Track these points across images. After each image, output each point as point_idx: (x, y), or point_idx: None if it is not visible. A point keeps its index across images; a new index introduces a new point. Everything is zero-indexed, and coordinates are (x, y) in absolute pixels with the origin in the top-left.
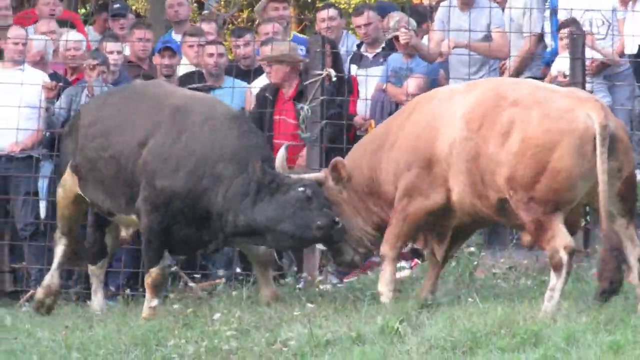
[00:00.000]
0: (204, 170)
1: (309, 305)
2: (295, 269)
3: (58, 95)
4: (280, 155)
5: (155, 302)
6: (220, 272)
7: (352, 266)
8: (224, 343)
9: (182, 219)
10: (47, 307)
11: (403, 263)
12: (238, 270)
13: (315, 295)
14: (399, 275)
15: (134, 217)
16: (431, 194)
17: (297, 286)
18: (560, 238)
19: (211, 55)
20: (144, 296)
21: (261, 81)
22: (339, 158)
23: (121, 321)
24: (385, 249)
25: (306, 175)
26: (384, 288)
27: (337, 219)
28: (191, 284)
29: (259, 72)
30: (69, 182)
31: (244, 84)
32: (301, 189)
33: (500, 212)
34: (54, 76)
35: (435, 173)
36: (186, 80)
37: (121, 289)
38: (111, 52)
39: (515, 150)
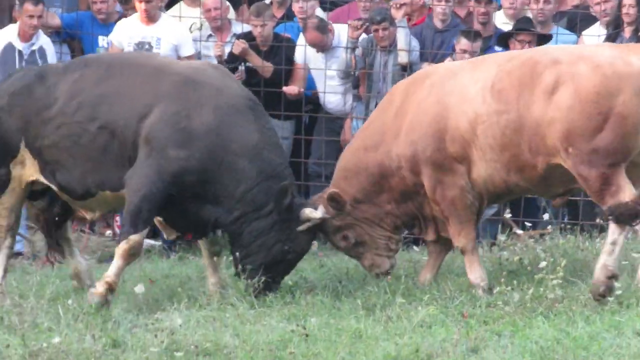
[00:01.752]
0: (223, 157)
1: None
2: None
3: None
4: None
5: (116, 276)
6: (545, 216)
7: (391, 270)
8: (549, 291)
9: (186, 196)
10: None
11: None
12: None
13: None
14: None
15: (123, 192)
16: (455, 178)
17: None
18: (626, 190)
19: None
20: None
21: None
22: (332, 190)
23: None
24: (462, 242)
25: (314, 223)
26: (478, 279)
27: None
28: (519, 231)
29: None
30: (21, 168)
31: None
32: (287, 248)
33: (542, 182)
34: None
35: (452, 152)
36: None
37: None
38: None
39: (568, 104)
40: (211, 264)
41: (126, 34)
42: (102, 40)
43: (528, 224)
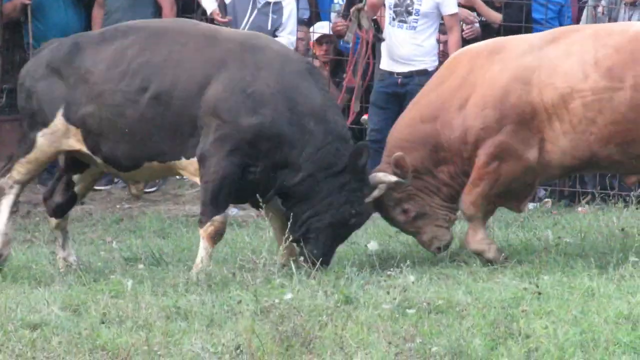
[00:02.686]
0: (291, 118)
1: None
2: None
3: None
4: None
5: (208, 259)
6: None
7: (451, 242)
8: None
9: (260, 164)
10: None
11: None
12: None
13: None
14: None
15: (178, 162)
16: (525, 153)
17: None
18: None
19: None
20: None
21: None
22: (398, 154)
23: None
24: (472, 210)
25: (381, 189)
26: (483, 245)
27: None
28: None
29: None
30: (59, 133)
31: None
32: (354, 212)
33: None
34: None
35: (531, 128)
36: None
37: None
38: None
39: None
40: (280, 234)
41: None
42: None
43: None
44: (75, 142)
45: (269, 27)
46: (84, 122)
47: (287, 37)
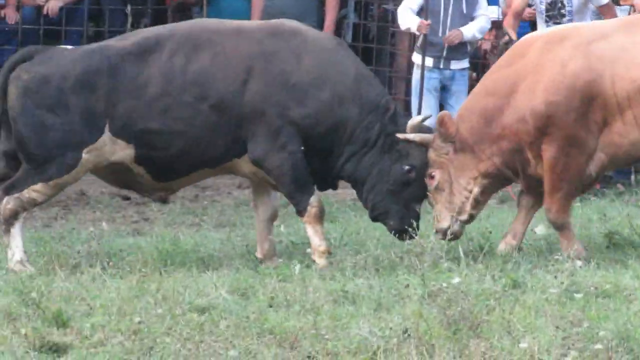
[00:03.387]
0: (332, 102)
1: None
2: None
3: None
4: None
5: (324, 238)
6: None
7: (450, 235)
8: None
9: (316, 149)
10: None
11: None
12: None
13: None
14: None
15: (230, 162)
16: (588, 141)
17: None
18: None
19: None
20: None
21: None
22: (445, 112)
23: None
24: (559, 216)
25: (416, 137)
26: (577, 253)
27: (412, 225)
28: None
29: None
30: (107, 150)
31: None
32: (407, 167)
33: None
34: None
35: (596, 118)
36: None
37: None
38: None
39: None
40: (264, 230)
41: None
42: None
43: None
44: (122, 156)
45: (465, 11)
46: (141, 138)
47: (485, 14)
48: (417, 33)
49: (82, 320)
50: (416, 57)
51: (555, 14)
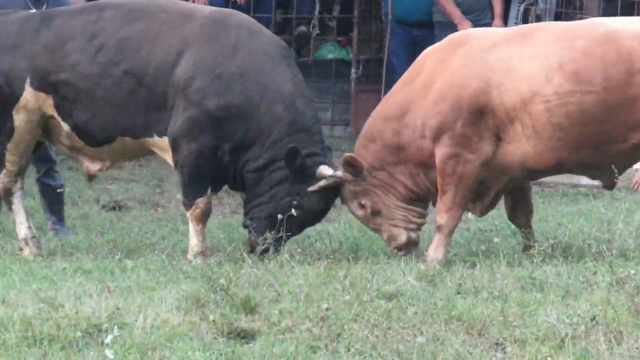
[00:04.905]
0: (260, 102)
1: None
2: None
3: None
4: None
5: (202, 240)
6: None
7: (411, 245)
8: None
9: (227, 146)
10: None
11: None
12: None
13: None
14: None
15: (153, 139)
16: (480, 147)
17: None
18: None
19: None
20: None
21: None
22: (348, 154)
23: None
24: (444, 219)
25: (328, 183)
26: (435, 261)
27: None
28: None
29: None
30: (32, 103)
31: None
32: (295, 203)
33: (617, 158)
34: None
35: (486, 125)
36: None
37: None
38: None
39: None
40: None
41: None
42: None
43: None
44: (47, 107)
45: None
46: (56, 89)
47: None
48: None
49: (270, 306)
50: None
51: None
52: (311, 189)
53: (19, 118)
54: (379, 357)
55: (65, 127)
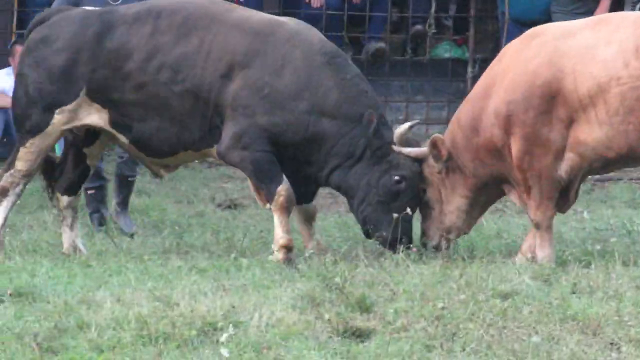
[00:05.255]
0: (307, 119)
1: None
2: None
3: None
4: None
5: (286, 231)
6: None
7: (435, 249)
8: None
9: (287, 151)
10: None
11: None
12: None
13: None
14: None
15: (210, 150)
16: (551, 138)
17: None
18: None
19: None
20: None
21: None
22: (437, 135)
23: None
24: (538, 217)
25: (411, 152)
26: (546, 259)
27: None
28: None
29: None
30: (83, 112)
31: None
32: (397, 178)
33: None
34: None
35: (557, 114)
36: None
37: None
38: None
39: None
40: (305, 229)
41: None
42: None
43: None
44: (97, 119)
45: None
46: (117, 105)
47: None
48: None
49: (385, 305)
50: None
51: None
52: (397, 149)
53: (59, 118)
54: (494, 357)
55: (123, 139)
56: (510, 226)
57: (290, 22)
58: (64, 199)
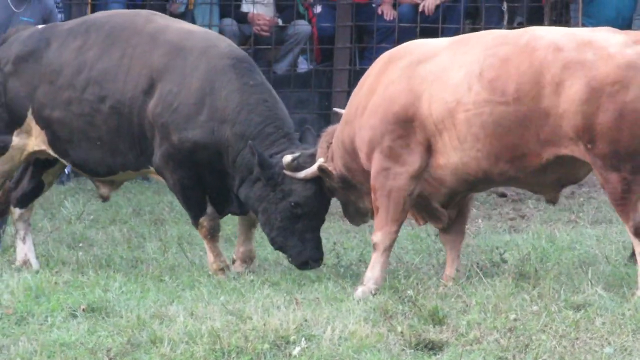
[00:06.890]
0: (213, 127)
1: None
2: None
3: None
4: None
5: (219, 253)
6: None
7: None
8: None
9: (209, 170)
10: None
11: None
12: None
13: None
14: None
15: (150, 169)
16: (408, 160)
17: None
18: None
19: None
20: None
21: None
22: (321, 164)
23: None
24: (378, 237)
25: (306, 175)
26: (372, 281)
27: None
28: None
29: None
30: (25, 137)
31: None
32: (293, 204)
33: (536, 174)
34: None
35: (415, 138)
36: None
37: None
38: None
39: (582, 97)
40: (244, 233)
41: None
42: None
43: None
44: (40, 142)
45: None
46: (50, 124)
47: None
48: None
49: (458, 317)
50: None
51: None
52: (296, 176)
53: (17, 141)
54: None
55: (64, 161)
56: (583, 237)
57: (199, 31)
58: (16, 211)
